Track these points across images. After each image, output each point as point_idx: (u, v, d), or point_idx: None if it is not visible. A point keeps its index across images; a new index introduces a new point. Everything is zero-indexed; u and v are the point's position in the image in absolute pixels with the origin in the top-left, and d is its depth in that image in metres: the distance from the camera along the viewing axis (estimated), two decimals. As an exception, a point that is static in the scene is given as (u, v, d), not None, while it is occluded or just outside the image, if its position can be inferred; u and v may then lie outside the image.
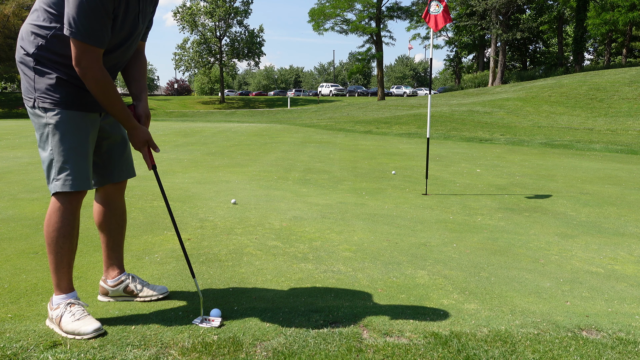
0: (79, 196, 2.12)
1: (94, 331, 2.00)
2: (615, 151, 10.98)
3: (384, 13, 44.57)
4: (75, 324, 2.02)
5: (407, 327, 2.19)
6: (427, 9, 5.63)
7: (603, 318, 2.37)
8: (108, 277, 2.43)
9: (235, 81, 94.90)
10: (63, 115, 2.04)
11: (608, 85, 24.24)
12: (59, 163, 2.05)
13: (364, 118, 20.97)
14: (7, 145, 10.91)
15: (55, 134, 2.04)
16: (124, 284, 2.41)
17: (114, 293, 2.42)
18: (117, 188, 2.38)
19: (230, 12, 48.91)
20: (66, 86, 2.05)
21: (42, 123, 2.06)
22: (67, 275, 2.14)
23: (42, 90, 2.03)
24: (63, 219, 2.09)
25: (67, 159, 2.05)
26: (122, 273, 2.44)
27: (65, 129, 2.05)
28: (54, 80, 2.03)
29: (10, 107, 41.04)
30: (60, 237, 2.09)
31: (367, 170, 7.48)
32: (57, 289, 2.14)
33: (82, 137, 2.09)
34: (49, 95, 2.03)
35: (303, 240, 3.60)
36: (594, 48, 59.83)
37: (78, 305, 2.11)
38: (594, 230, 4.15)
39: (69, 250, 2.12)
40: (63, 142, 2.05)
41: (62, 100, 2.04)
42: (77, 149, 2.07)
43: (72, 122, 2.07)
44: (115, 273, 2.42)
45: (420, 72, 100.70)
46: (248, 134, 14.58)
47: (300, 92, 69.71)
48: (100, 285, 2.45)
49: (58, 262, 2.11)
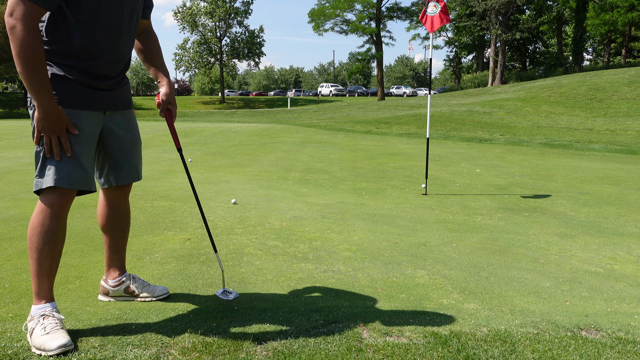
0: (64, 200, 2.01)
1: (58, 347, 1.86)
2: (615, 151, 10.98)
3: (383, 13, 44.59)
4: (43, 338, 1.90)
5: (407, 327, 2.19)
6: (425, 9, 5.64)
7: (602, 317, 2.37)
8: (109, 277, 2.42)
9: (235, 81, 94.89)
10: None
11: (607, 85, 24.25)
12: (46, 160, 1.98)
13: (364, 118, 20.97)
14: (8, 145, 10.92)
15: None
16: (124, 284, 2.41)
17: (114, 293, 2.42)
18: (121, 191, 2.34)
19: (230, 12, 48.92)
20: (61, 82, 1.97)
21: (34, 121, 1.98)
22: (47, 284, 2.04)
23: None
24: (46, 223, 1.99)
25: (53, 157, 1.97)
26: (124, 274, 2.43)
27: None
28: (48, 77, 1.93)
29: (11, 107, 41.04)
30: (42, 243, 1.99)
31: (367, 170, 7.49)
32: (36, 297, 2.04)
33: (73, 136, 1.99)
34: None
35: (303, 240, 3.60)
36: (593, 48, 59.91)
37: (52, 318, 1.98)
38: (593, 230, 4.16)
39: (51, 257, 2.01)
40: None
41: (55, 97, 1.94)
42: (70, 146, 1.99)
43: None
44: (117, 274, 2.42)
45: (420, 72, 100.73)
46: (248, 134, 14.58)
47: (300, 92, 69.69)
48: (101, 284, 2.44)
49: (38, 268, 2.01)
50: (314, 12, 44.73)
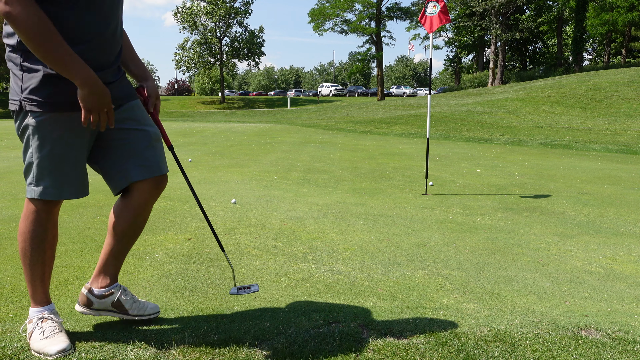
0: (51, 206, 1.91)
1: (58, 352, 1.84)
2: (615, 151, 10.98)
3: (383, 13, 44.59)
4: (42, 342, 1.88)
5: (407, 327, 2.19)
6: (424, 9, 5.64)
7: (602, 317, 2.37)
8: (97, 285, 2.09)
9: (235, 81, 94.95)
10: (46, 117, 1.80)
11: (607, 85, 24.25)
12: (37, 168, 1.85)
13: (364, 118, 20.98)
14: (8, 145, 10.92)
15: (36, 138, 1.82)
16: (113, 296, 2.10)
17: (99, 305, 2.10)
18: (157, 187, 2.06)
19: (230, 12, 48.90)
20: (54, 84, 1.78)
21: (24, 124, 1.83)
22: (41, 288, 1.98)
23: (29, 89, 1.78)
24: (33, 229, 1.91)
25: (46, 165, 1.85)
26: (115, 284, 2.12)
27: (46, 132, 1.82)
28: (40, 78, 1.77)
29: (10, 108, 41.01)
30: (31, 249, 1.92)
31: (367, 170, 7.49)
32: (33, 301, 2.00)
33: (67, 141, 1.85)
34: (34, 95, 1.78)
35: (303, 240, 3.60)
36: (593, 48, 59.91)
37: (51, 321, 1.94)
38: (593, 230, 4.16)
39: (42, 263, 1.95)
40: (43, 146, 1.83)
41: (46, 101, 1.79)
42: (59, 155, 1.85)
43: (57, 125, 1.82)
44: (107, 282, 2.10)
45: (420, 72, 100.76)
46: (248, 134, 14.58)
47: (300, 92, 69.68)
48: (83, 293, 2.09)
49: (30, 273, 1.95)
50: (314, 12, 44.74)
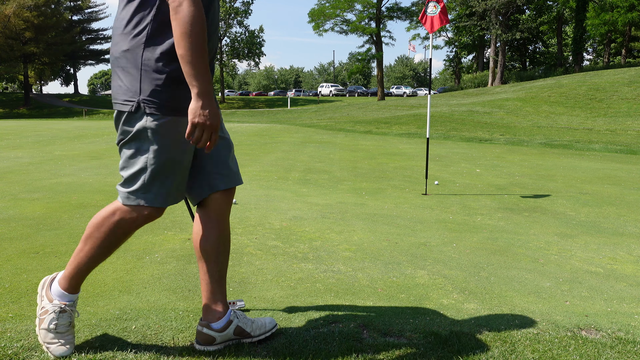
0: (156, 213, 1.86)
1: (60, 355, 1.85)
2: (615, 151, 10.98)
3: (383, 13, 44.62)
4: (50, 336, 1.86)
5: (407, 327, 2.19)
6: (425, 10, 5.64)
7: (602, 317, 2.37)
8: (212, 318, 1.93)
9: (235, 81, 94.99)
10: (167, 120, 1.72)
11: (607, 85, 24.26)
12: (151, 174, 1.76)
13: (364, 118, 20.98)
14: (8, 145, 10.92)
15: (155, 142, 1.73)
16: (233, 324, 1.95)
17: (223, 338, 1.94)
18: (229, 198, 1.97)
19: (230, 12, 48.93)
20: (177, 87, 1.72)
21: (140, 127, 1.72)
22: (81, 278, 1.92)
23: (150, 91, 1.70)
24: (128, 230, 1.85)
25: (162, 170, 1.77)
26: (229, 310, 1.97)
27: (167, 137, 1.73)
28: (163, 80, 1.69)
29: (11, 107, 41.07)
30: (108, 243, 1.85)
31: (367, 170, 7.49)
32: (65, 281, 1.90)
33: (183, 147, 1.78)
34: (155, 97, 1.70)
35: (303, 240, 3.60)
36: (593, 48, 59.94)
37: (68, 316, 1.89)
38: (593, 230, 4.16)
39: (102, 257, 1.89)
40: (162, 151, 1.74)
41: (168, 104, 1.72)
42: (175, 161, 1.78)
43: (176, 129, 1.75)
44: (221, 312, 1.93)
45: (420, 72, 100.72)
46: (248, 134, 14.58)
47: (300, 92, 69.68)
48: (201, 331, 1.92)
49: (83, 260, 1.86)
50: (314, 12, 44.77)
